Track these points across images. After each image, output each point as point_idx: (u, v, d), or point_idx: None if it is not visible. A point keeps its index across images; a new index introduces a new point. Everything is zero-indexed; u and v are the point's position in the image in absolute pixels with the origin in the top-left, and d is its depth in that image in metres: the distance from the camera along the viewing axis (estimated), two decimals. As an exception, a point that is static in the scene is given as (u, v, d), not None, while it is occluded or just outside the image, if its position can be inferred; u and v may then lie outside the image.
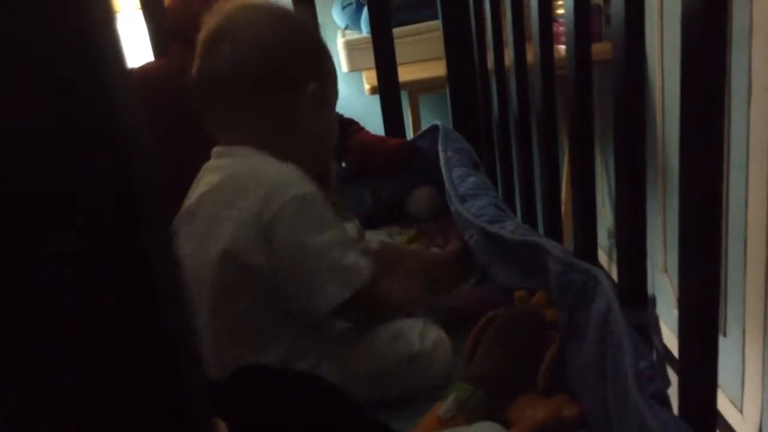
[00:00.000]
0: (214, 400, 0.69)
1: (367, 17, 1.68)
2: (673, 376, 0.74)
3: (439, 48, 1.64)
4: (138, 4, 1.63)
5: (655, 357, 0.75)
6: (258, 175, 0.87)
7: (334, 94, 0.99)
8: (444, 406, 0.79)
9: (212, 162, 0.93)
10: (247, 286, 0.84)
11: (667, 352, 0.83)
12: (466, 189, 1.23)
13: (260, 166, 0.88)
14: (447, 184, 1.26)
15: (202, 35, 0.93)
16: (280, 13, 0.97)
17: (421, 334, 0.93)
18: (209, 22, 0.93)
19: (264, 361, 0.85)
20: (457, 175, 1.29)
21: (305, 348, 0.88)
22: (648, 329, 0.79)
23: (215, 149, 0.94)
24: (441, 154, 1.37)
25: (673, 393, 0.72)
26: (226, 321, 0.86)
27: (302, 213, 0.83)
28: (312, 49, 0.95)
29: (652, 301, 0.83)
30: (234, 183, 0.87)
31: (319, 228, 0.84)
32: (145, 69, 1.57)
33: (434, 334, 0.94)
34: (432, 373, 0.92)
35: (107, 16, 0.20)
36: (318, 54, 0.96)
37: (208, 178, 0.91)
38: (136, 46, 2.00)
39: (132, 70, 1.56)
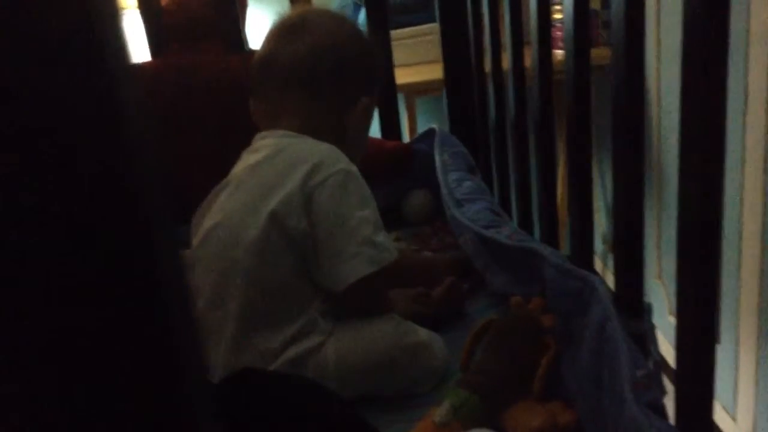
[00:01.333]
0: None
1: (365, 19, 1.67)
2: (667, 385, 0.74)
3: (437, 51, 1.64)
4: (135, 3, 1.62)
5: (651, 366, 0.75)
6: (310, 148, 0.93)
7: (373, 112, 1.08)
8: (439, 412, 0.78)
9: (257, 143, 0.98)
10: (285, 254, 0.88)
11: (662, 359, 0.83)
12: (462, 193, 1.23)
13: (310, 143, 0.95)
14: (443, 189, 1.26)
15: (277, 24, 1.00)
16: (355, 29, 1.07)
17: (414, 327, 0.94)
18: (286, 15, 1.03)
19: (286, 329, 0.87)
20: (453, 179, 1.28)
21: (316, 325, 0.89)
22: (644, 338, 0.79)
23: (259, 133, 0.99)
24: (437, 158, 1.36)
25: (668, 402, 0.71)
26: (257, 289, 0.87)
27: (346, 186, 0.89)
28: (373, 69, 1.05)
29: (649, 310, 0.83)
30: (286, 155, 0.93)
31: (358, 203, 0.90)
32: (142, 68, 1.56)
33: (423, 330, 0.95)
34: (433, 362, 0.92)
35: (112, 11, 0.20)
36: (376, 74, 1.06)
37: (253, 156, 0.96)
38: (133, 45, 1.99)
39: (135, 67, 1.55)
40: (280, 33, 0.99)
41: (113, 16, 0.20)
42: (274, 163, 0.92)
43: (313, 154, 0.92)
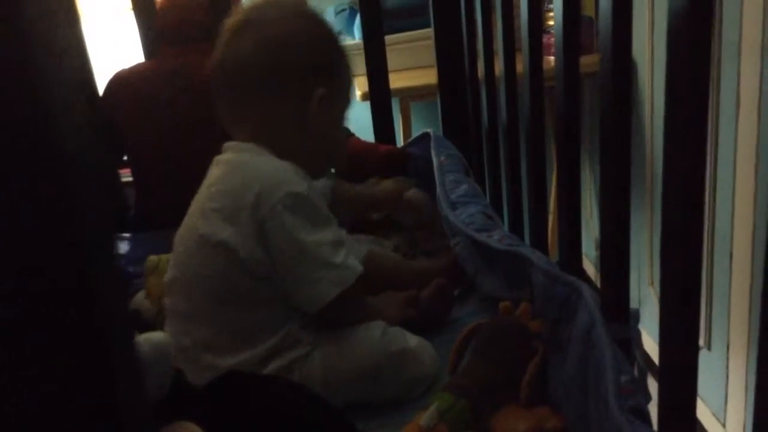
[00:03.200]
0: (193, 407, 0.68)
1: (360, 24, 1.68)
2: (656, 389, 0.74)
3: (431, 56, 1.65)
4: (130, 6, 1.62)
5: (636, 371, 0.75)
6: (255, 172, 0.89)
7: (343, 103, 1.00)
8: (425, 416, 0.78)
9: (218, 156, 0.95)
10: (244, 280, 0.86)
11: (653, 364, 0.83)
12: (457, 195, 1.23)
13: (258, 163, 0.90)
14: (439, 189, 1.26)
15: (227, 25, 0.95)
16: (307, 14, 0.98)
17: (403, 334, 0.94)
18: (236, 13, 0.95)
19: (257, 347, 0.86)
20: (450, 180, 1.28)
21: (298, 338, 0.89)
22: (630, 343, 0.79)
23: (225, 144, 0.96)
24: (434, 159, 1.37)
25: (654, 406, 0.72)
26: (222, 312, 0.87)
27: (295, 210, 0.86)
28: (327, 56, 0.96)
29: (635, 315, 0.83)
30: (232, 180, 0.90)
31: (311, 225, 0.87)
32: (136, 70, 1.57)
33: (414, 336, 0.94)
34: (421, 370, 0.92)
35: (71, 23, 0.20)
36: (332, 61, 0.97)
37: (211, 172, 0.94)
38: (128, 47, 2.00)
39: (115, 76, 1.56)
40: (227, 35, 0.94)
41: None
42: (226, 188, 0.89)
43: (260, 178, 0.87)
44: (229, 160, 0.93)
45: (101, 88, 1.58)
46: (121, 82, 1.54)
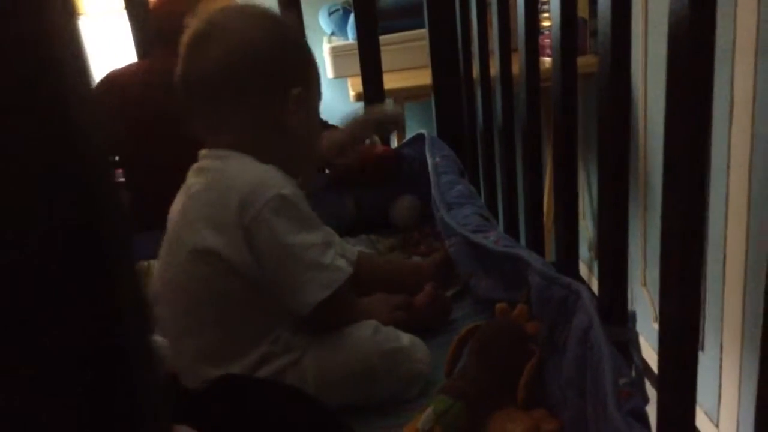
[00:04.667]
0: (189, 410, 0.68)
1: (354, 24, 1.67)
2: (650, 391, 0.74)
3: (425, 56, 1.64)
4: (122, 6, 1.61)
5: (634, 374, 0.75)
6: (239, 177, 0.88)
7: (317, 98, 1.01)
8: (423, 419, 0.78)
9: (198, 164, 0.94)
10: (236, 283, 0.86)
11: (645, 366, 0.83)
12: (452, 197, 1.23)
13: (241, 168, 0.90)
14: (434, 190, 1.26)
15: (186, 37, 0.93)
16: (268, 16, 0.97)
17: (395, 332, 0.93)
18: (194, 24, 0.93)
19: (249, 355, 0.86)
20: (445, 181, 1.28)
21: (288, 343, 0.88)
22: (628, 345, 0.79)
23: (201, 152, 0.95)
24: (429, 160, 1.36)
25: (651, 409, 0.71)
26: (219, 321, 0.87)
27: (281, 213, 0.85)
28: (297, 54, 0.97)
29: (633, 317, 0.83)
30: (215, 187, 0.89)
31: (298, 228, 0.87)
32: (129, 70, 1.56)
33: (406, 335, 0.94)
34: (415, 368, 0.91)
35: (68, 19, 0.19)
36: (302, 59, 0.97)
37: (192, 181, 0.93)
38: (120, 47, 1.99)
39: (107, 76, 1.55)
40: (190, 45, 0.92)
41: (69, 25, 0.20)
42: (210, 197, 0.89)
43: (243, 183, 0.87)
44: (210, 167, 0.92)
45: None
46: (113, 82, 1.53)
